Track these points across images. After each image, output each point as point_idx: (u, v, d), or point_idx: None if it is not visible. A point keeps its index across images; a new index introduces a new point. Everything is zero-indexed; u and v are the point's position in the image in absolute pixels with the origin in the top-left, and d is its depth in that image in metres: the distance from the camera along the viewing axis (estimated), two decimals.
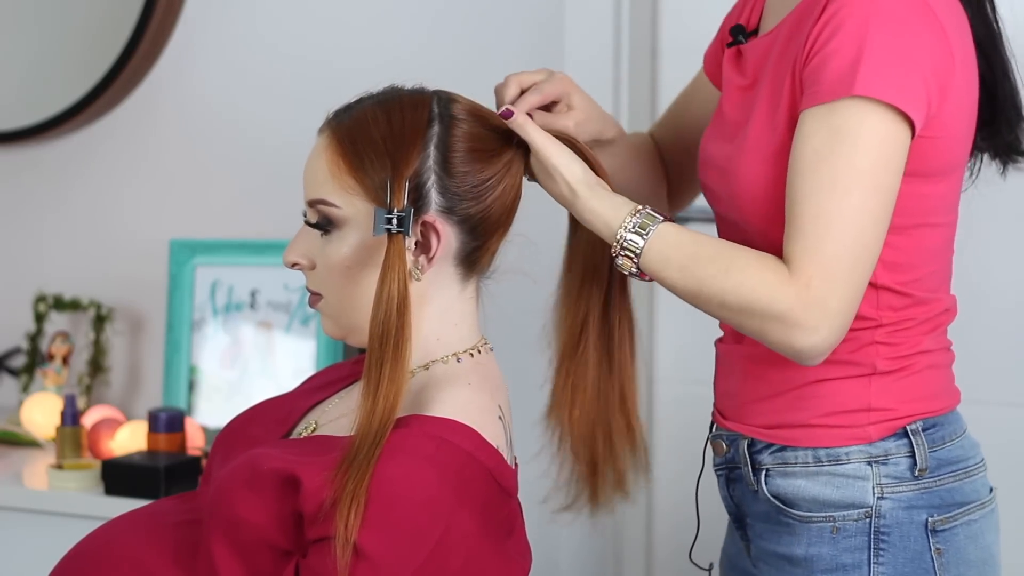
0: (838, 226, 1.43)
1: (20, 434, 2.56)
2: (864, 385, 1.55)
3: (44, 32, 2.73)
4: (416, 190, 1.49)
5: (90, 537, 1.55)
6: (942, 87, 1.48)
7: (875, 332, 1.55)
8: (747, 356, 1.62)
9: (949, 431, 1.58)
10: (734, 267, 1.46)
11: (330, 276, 1.53)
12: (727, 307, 1.46)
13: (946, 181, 1.55)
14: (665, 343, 2.46)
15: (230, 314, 2.57)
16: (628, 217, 1.49)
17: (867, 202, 1.44)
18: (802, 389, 1.57)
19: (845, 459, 1.55)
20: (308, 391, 1.67)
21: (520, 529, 1.54)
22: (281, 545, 1.42)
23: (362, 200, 1.49)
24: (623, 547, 2.44)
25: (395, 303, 1.44)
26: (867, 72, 1.44)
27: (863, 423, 1.55)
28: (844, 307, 1.44)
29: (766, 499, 1.60)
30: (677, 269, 1.48)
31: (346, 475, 1.37)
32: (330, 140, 1.52)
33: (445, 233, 1.50)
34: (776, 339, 1.45)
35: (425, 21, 2.52)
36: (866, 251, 1.45)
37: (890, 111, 1.44)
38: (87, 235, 2.76)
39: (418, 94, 1.54)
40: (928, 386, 1.58)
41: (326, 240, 1.52)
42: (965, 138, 1.56)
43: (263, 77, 2.62)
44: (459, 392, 1.48)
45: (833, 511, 1.56)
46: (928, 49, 1.47)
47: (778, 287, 1.43)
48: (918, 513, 1.55)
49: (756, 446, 1.60)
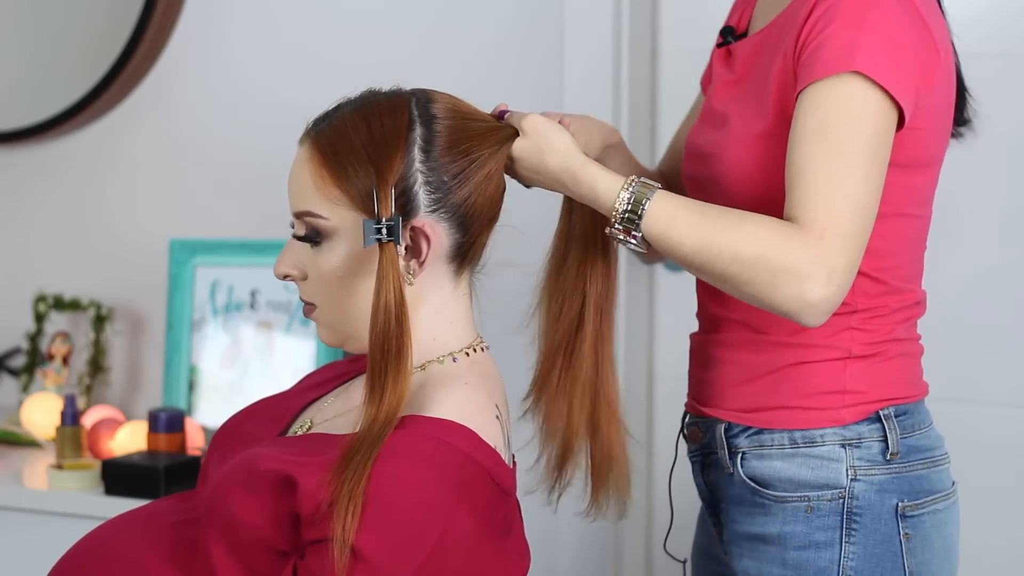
0: (850, 187, 1.46)
1: (20, 434, 2.56)
2: (839, 368, 1.60)
3: (44, 32, 2.73)
4: (403, 195, 1.49)
5: (88, 537, 1.55)
6: (928, 81, 1.53)
7: (850, 318, 1.59)
8: (723, 343, 1.66)
9: (918, 420, 1.63)
10: (746, 219, 1.47)
11: (323, 287, 1.53)
12: (739, 259, 1.46)
13: (926, 174, 1.61)
14: (665, 342, 2.47)
15: (230, 314, 2.57)
16: (627, 182, 1.50)
17: (871, 173, 1.47)
18: (779, 372, 1.61)
19: (820, 441, 1.60)
20: (303, 389, 1.67)
21: (519, 528, 1.54)
22: (278, 545, 1.42)
23: (348, 210, 1.49)
24: (623, 547, 2.44)
25: (393, 312, 1.44)
26: (866, 53, 1.47)
27: (837, 405, 1.60)
28: (849, 266, 1.46)
29: (741, 481, 1.63)
30: (685, 225, 1.48)
31: (343, 476, 1.37)
32: (312, 151, 1.51)
33: (436, 234, 1.50)
34: (786, 293, 1.45)
35: (425, 21, 2.52)
36: (868, 217, 1.47)
37: (885, 95, 1.48)
38: (87, 235, 2.76)
39: (396, 97, 1.53)
40: (900, 373, 1.62)
41: (316, 251, 1.52)
42: (945, 133, 1.61)
43: (263, 77, 2.62)
44: (456, 392, 1.48)
45: (808, 491, 1.60)
46: (916, 44, 1.52)
47: (793, 236, 1.45)
48: (889, 497, 1.59)
49: (733, 430, 1.64)
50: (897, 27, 1.50)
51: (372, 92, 1.55)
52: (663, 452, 2.47)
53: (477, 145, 1.52)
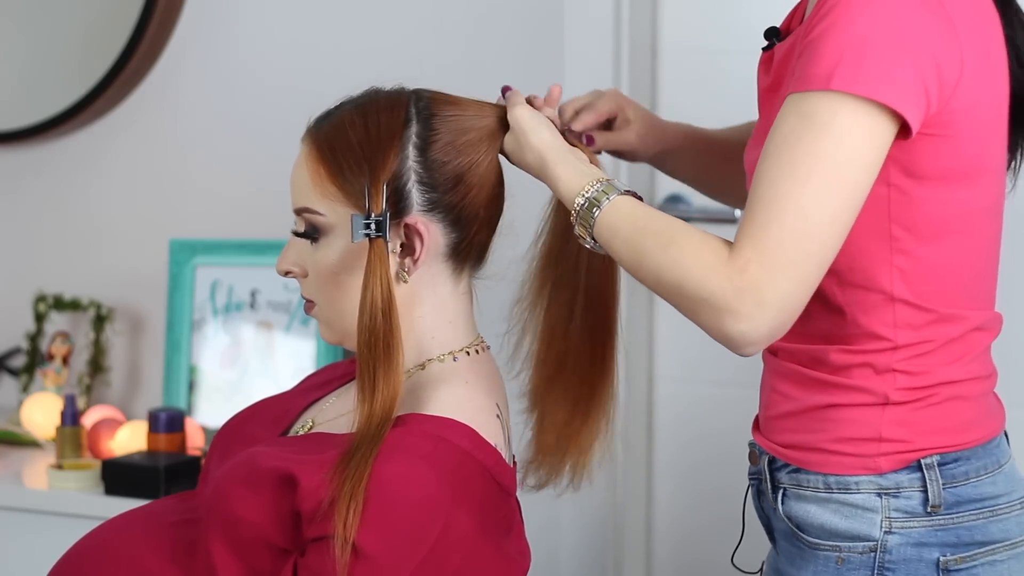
0: (788, 212, 1.35)
1: (20, 434, 2.56)
2: (876, 415, 1.47)
3: (44, 32, 2.73)
4: (396, 192, 1.49)
5: (89, 537, 1.55)
6: (947, 82, 1.40)
7: (892, 356, 1.47)
8: (774, 370, 1.55)
9: (977, 466, 1.49)
10: (674, 243, 1.39)
11: (321, 283, 1.53)
12: (662, 284, 1.40)
13: (972, 186, 1.46)
14: (665, 343, 2.46)
15: (230, 314, 2.57)
16: (589, 185, 1.45)
17: (826, 194, 1.35)
18: (815, 412, 1.50)
19: (855, 488, 1.48)
20: (305, 390, 1.67)
21: (519, 527, 1.54)
22: (279, 544, 1.42)
23: (344, 206, 1.50)
24: (623, 547, 2.44)
25: (379, 307, 1.44)
26: (848, 65, 1.36)
27: (873, 453, 1.47)
28: (782, 300, 1.35)
29: (782, 519, 1.54)
30: (623, 241, 1.42)
31: (344, 474, 1.37)
32: (311, 148, 1.52)
33: (430, 232, 1.51)
34: (706, 323, 1.38)
35: (425, 21, 2.51)
36: (815, 244, 1.36)
37: (871, 106, 1.36)
38: (87, 235, 2.76)
39: (395, 95, 1.54)
40: (950, 418, 1.48)
41: (315, 248, 1.53)
42: (987, 140, 1.47)
43: (263, 76, 2.62)
44: (456, 390, 1.49)
45: (840, 541, 1.49)
46: (929, 43, 1.39)
47: (712, 268, 1.36)
48: (929, 551, 1.47)
49: (776, 463, 1.54)
50: (901, 25, 1.37)
51: (374, 90, 1.55)
52: (663, 452, 2.47)
53: (473, 145, 1.52)
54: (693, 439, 2.45)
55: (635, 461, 2.44)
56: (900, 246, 1.46)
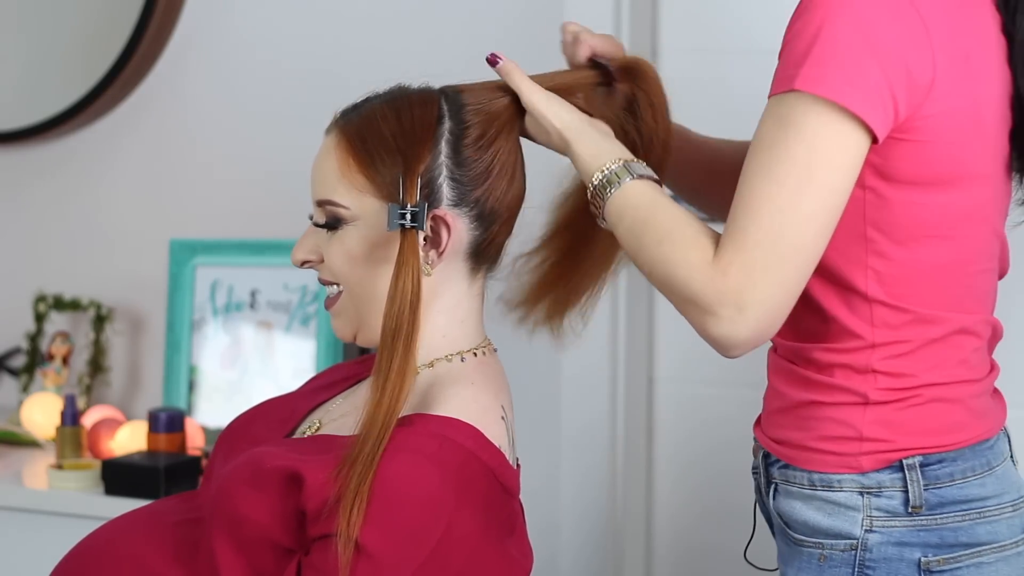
0: (765, 215, 1.37)
1: (20, 434, 2.56)
2: (857, 414, 1.48)
3: (44, 31, 2.73)
4: (427, 186, 1.49)
5: (91, 537, 1.55)
6: (917, 87, 1.40)
7: (871, 355, 1.48)
8: (772, 365, 1.57)
9: (963, 468, 1.48)
10: (667, 239, 1.41)
11: (343, 269, 1.53)
12: (654, 278, 1.43)
13: (951, 191, 1.46)
14: (665, 343, 2.46)
15: (230, 314, 2.57)
16: (609, 164, 1.47)
17: (801, 196, 1.37)
18: (801, 409, 1.51)
19: (837, 486, 1.49)
20: (311, 391, 1.67)
21: (522, 529, 1.54)
22: (283, 543, 1.42)
23: (373, 197, 1.50)
24: (623, 547, 2.44)
25: (408, 298, 1.45)
26: (813, 65, 1.37)
27: (854, 452, 1.48)
28: (762, 304, 1.37)
29: (775, 514, 1.56)
30: (626, 228, 1.45)
31: (349, 473, 1.37)
32: (339, 139, 1.52)
33: (456, 227, 1.51)
34: (692, 322, 1.40)
35: (424, 21, 2.51)
36: (791, 247, 1.37)
37: (837, 109, 1.37)
38: (87, 235, 2.76)
39: (426, 92, 1.55)
40: (933, 420, 1.48)
41: (333, 235, 1.52)
42: (967, 145, 1.45)
43: (263, 76, 2.62)
44: (462, 391, 1.49)
45: (823, 538, 1.50)
46: (898, 47, 1.39)
47: (697, 268, 1.38)
48: (910, 551, 1.47)
49: (770, 459, 1.55)
50: (868, 27, 1.38)
51: (402, 87, 1.56)
52: (663, 452, 2.47)
53: (503, 144, 1.53)
54: (693, 439, 2.45)
55: (635, 461, 2.44)
56: (875, 248, 1.47)
